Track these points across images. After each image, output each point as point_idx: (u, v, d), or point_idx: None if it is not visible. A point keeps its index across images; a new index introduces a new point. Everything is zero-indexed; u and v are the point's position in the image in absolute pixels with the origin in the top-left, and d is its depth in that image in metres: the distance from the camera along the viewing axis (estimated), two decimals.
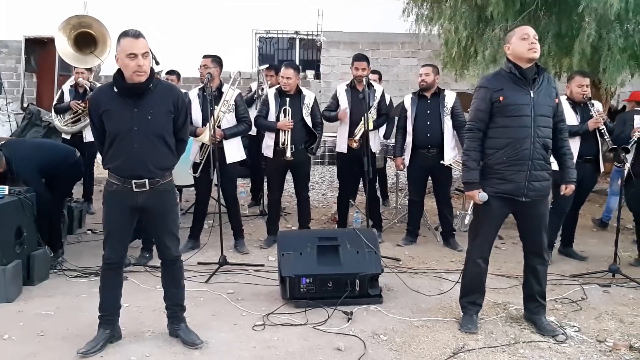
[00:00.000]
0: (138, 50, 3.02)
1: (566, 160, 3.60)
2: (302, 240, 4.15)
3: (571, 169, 3.61)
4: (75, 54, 6.33)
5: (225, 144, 5.08)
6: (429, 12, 7.52)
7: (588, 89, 4.93)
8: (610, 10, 5.50)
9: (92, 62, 6.47)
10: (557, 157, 3.61)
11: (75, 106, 6.31)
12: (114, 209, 3.21)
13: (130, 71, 3.04)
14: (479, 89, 3.51)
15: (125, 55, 3.02)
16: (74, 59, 6.34)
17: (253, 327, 3.58)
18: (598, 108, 4.95)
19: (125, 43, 3.03)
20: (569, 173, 3.62)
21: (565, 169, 3.62)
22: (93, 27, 6.36)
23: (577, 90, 4.87)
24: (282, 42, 13.52)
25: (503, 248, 5.45)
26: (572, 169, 3.62)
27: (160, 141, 3.17)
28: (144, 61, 3.04)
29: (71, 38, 6.30)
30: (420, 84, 5.38)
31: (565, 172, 3.63)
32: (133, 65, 3.02)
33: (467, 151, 3.55)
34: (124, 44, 3.03)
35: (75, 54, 6.33)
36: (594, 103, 4.96)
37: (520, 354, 3.27)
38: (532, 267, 3.61)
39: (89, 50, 6.33)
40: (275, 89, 5.40)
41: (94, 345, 3.19)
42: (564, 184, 3.65)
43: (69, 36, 6.29)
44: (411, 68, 11.84)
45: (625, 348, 3.33)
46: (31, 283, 4.22)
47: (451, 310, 3.88)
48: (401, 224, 6.04)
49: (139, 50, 3.02)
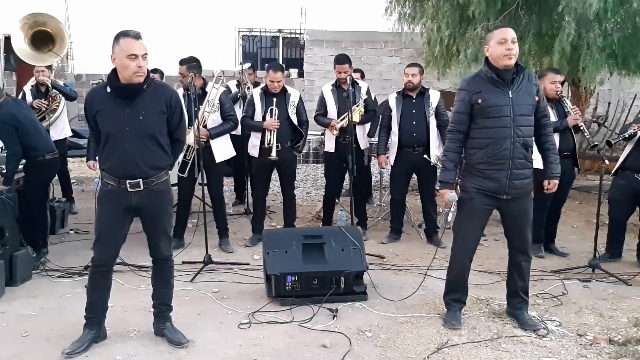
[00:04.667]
0: (139, 52, 3.02)
1: (549, 156, 3.67)
2: (288, 238, 4.16)
3: (554, 164, 3.67)
4: (34, 53, 6.23)
5: (213, 143, 5.07)
6: (412, 11, 7.56)
7: (561, 85, 5.03)
8: (589, 9, 5.58)
9: (51, 60, 6.40)
10: (541, 152, 3.67)
11: (38, 105, 6.23)
12: (107, 209, 3.20)
13: (130, 72, 3.02)
14: (459, 91, 3.58)
15: (126, 55, 3.00)
16: (33, 58, 6.23)
17: (239, 326, 3.59)
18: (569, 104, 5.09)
19: (125, 43, 3.01)
20: (552, 168, 3.68)
21: (549, 164, 3.68)
22: (49, 25, 6.27)
23: (551, 87, 4.96)
24: (265, 41, 13.49)
25: (485, 245, 5.51)
26: (555, 163, 3.67)
27: (152, 141, 3.15)
28: (144, 62, 3.03)
29: (28, 37, 6.21)
30: (407, 85, 5.41)
31: (548, 167, 3.69)
32: (133, 66, 3.01)
33: (446, 152, 3.64)
34: (125, 45, 3.01)
35: (33, 52, 6.23)
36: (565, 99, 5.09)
37: (502, 349, 3.33)
38: (517, 263, 3.67)
39: (47, 48, 6.26)
40: (260, 89, 5.39)
41: (79, 345, 3.18)
42: (547, 179, 3.71)
43: (26, 35, 6.21)
44: (394, 67, 11.91)
45: (605, 341, 3.40)
46: (14, 284, 4.18)
47: (435, 307, 3.93)
48: (385, 222, 6.08)
49: (140, 52, 3.02)
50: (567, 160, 4.99)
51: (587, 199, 7.55)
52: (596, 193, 5.19)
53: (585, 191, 7.93)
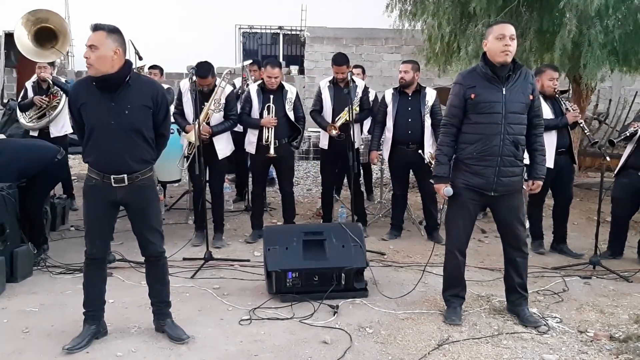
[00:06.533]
0: (88, 42, 3.03)
1: (536, 156, 3.65)
2: (288, 234, 4.16)
3: (540, 165, 3.65)
4: (36, 49, 6.22)
5: (215, 140, 5.10)
6: (413, 8, 7.54)
7: (557, 82, 5.02)
8: (590, 6, 5.57)
9: (54, 57, 6.39)
10: (529, 152, 3.66)
11: (39, 102, 6.23)
12: (93, 204, 3.20)
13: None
14: (454, 85, 3.58)
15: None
16: (35, 54, 6.23)
17: (239, 322, 3.59)
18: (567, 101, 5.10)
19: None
20: (536, 169, 3.66)
21: (534, 164, 3.67)
22: (52, 22, 6.26)
23: (549, 84, 4.95)
24: (266, 38, 13.48)
25: (486, 241, 5.51)
26: (540, 165, 3.65)
27: (137, 135, 3.15)
28: (89, 52, 3.02)
29: (31, 33, 6.21)
30: (400, 81, 5.42)
31: (533, 167, 3.68)
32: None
33: (440, 146, 3.64)
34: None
35: (36, 49, 6.21)
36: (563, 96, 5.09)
37: (503, 345, 3.33)
38: (512, 259, 3.67)
39: (50, 45, 6.25)
40: (257, 85, 5.39)
41: (79, 341, 3.18)
42: (531, 179, 3.70)
43: (29, 31, 6.20)
44: (395, 63, 11.87)
45: (605, 338, 3.40)
46: (14, 280, 4.18)
47: (435, 303, 3.93)
48: (386, 219, 6.07)
49: (88, 42, 3.03)
50: (564, 156, 4.99)
51: (588, 196, 7.54)
52: (597, 190, 5.20)
53: (586, 188, 7.93)
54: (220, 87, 5.07)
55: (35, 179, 4.57)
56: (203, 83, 4.97)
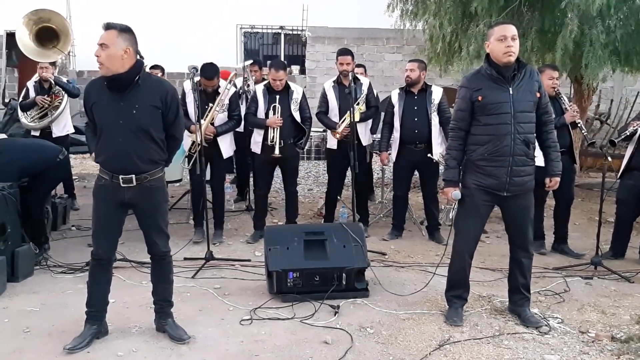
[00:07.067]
0: (100, 40, 3.03)
1: (550, 153, 3.65)
2: (289, 234, 4.16)
3: (555, 162, 3.65)
4: (38, 49, 6.23)
5: (220, 140, 5.15)
6: (414, 8, 7.53)
7: (558, 81, 5.01)
8: (592, 6, 5.55)
9: (56, 57, 6.39)
10: (542, 150, 3.66)
11: (41, 101, 6.23)
12: (101, 204, 3.20)
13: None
14: (460, 89, 3.57)
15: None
16: (37, 54, 6.23)
17: (240, 322, 3.59)
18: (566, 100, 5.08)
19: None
20: (552, 166, 3.66)
21: (549, 161, 3.66)
22: (54, 21, 6.27)
23: (548, 83, 4.93)
24: (267, 37, 13.47)
25: (487, 242, 5.50)
26: (556, 161, 3.66)
27: (145, 136, 3.14)
28: (100, 51, 3.03)
29: (33, 33, 6.20)
30: (406, 80, 5.41)
31: (549, 164, 3.67)
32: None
33: (449, 150, 3.65)
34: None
35: (37, 49, 6.22)
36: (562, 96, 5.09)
37: (504, 346, 3.32)
38: (518, 260, 3.66)
39: (52, 45, 6.25)
40: (264, 85, 5.39)
41: (80, 341, 3.18)
42: (548, 177, 3.69)
43: (30, 31, 6.20)
44: (396, 63, 11.89)
45: (607, 339, 3.39)
46: (15, 279, 4.18)
47: (436, 303, 3.92)
48: (387, 219, 6.07)
49: (100, 40, 3.04)
50: (564, 156, 4.97)
51: (589, 196, 7.54)
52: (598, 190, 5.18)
53: (588, 189, 7.92)
54: (227, 89, 5.14)
55: (36, 179, 4.57)
56: (208, 84, 5.06)
